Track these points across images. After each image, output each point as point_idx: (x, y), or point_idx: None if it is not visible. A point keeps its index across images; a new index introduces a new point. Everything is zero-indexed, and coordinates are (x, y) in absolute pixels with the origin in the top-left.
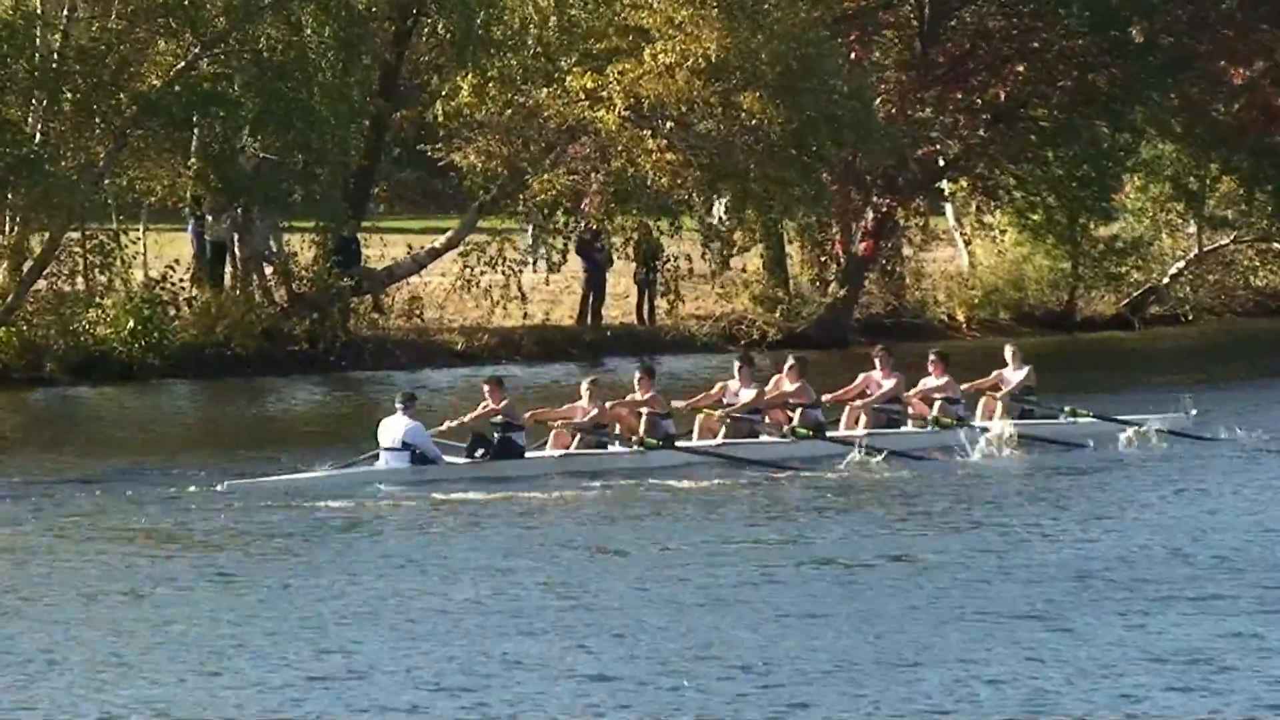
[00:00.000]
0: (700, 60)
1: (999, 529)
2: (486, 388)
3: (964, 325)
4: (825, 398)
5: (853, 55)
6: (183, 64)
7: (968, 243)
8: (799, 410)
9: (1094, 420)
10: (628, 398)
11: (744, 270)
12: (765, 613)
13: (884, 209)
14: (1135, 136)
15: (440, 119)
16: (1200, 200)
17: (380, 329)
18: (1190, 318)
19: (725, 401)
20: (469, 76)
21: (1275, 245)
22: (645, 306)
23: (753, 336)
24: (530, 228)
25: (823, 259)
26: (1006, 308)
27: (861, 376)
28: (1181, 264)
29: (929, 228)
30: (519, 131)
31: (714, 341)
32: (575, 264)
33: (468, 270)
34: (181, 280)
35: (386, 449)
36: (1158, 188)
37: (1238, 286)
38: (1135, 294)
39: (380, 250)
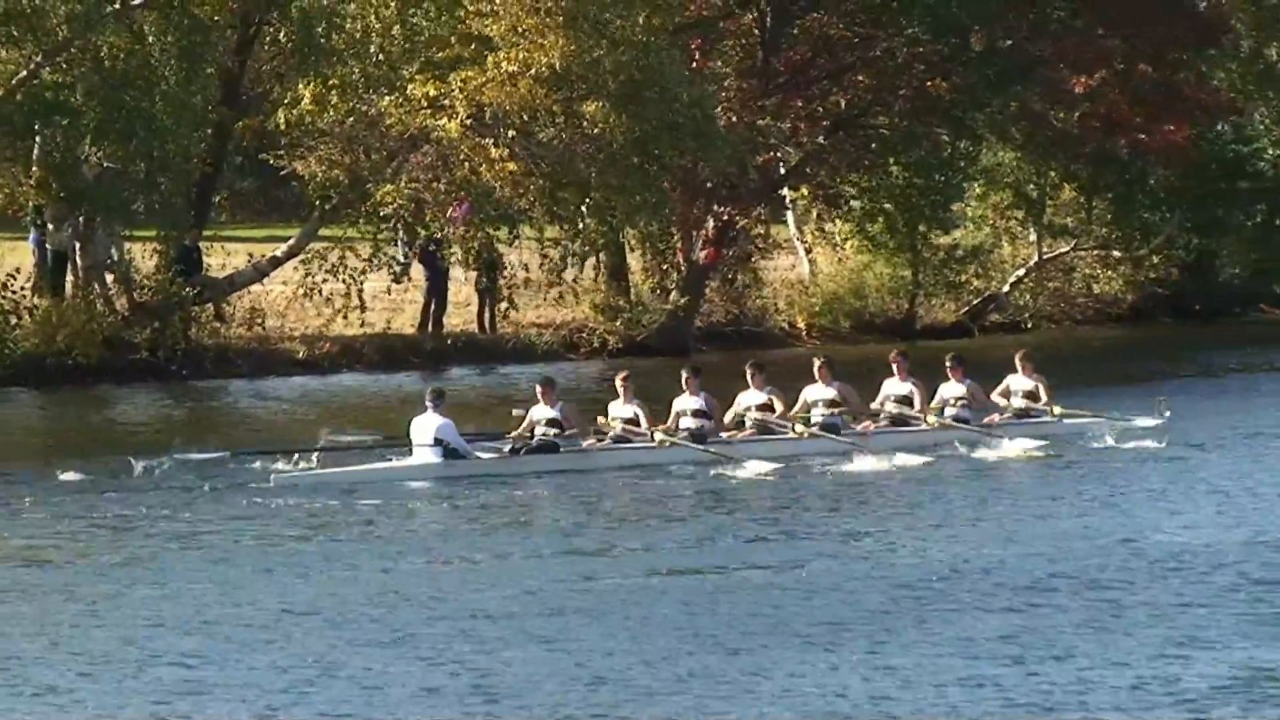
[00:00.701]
0: (543, 69)
1: (848, 537)
2: (539, 389)
3: (804, 333)
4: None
5: (695, 64)
6: (24, 73)
7: (809, 251)
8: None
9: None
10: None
11: (581, 278)
12: (603, 622)
13: (725, 217)
14: (976, 144)
15: (282, 127)
16: (1040, 208)
17: (221, 337)
18: (1030, 325)
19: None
20: (311, 85)
21: (1114, 253)
22: (486, 315)
23: (594, 345)
24: (401, 236)
25: (664, 267)
26: (847, 316)
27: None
28: (1021, 272)
29: (770, 236)
30: (360, 140)
31: (555, 350)
32: (418, 272)
33: (309, 278)
34: (23, 289)
35: (419, 444)
36: (998, 196)
37: (1077, 294)
38: (975, 302)
39: (222, 259)
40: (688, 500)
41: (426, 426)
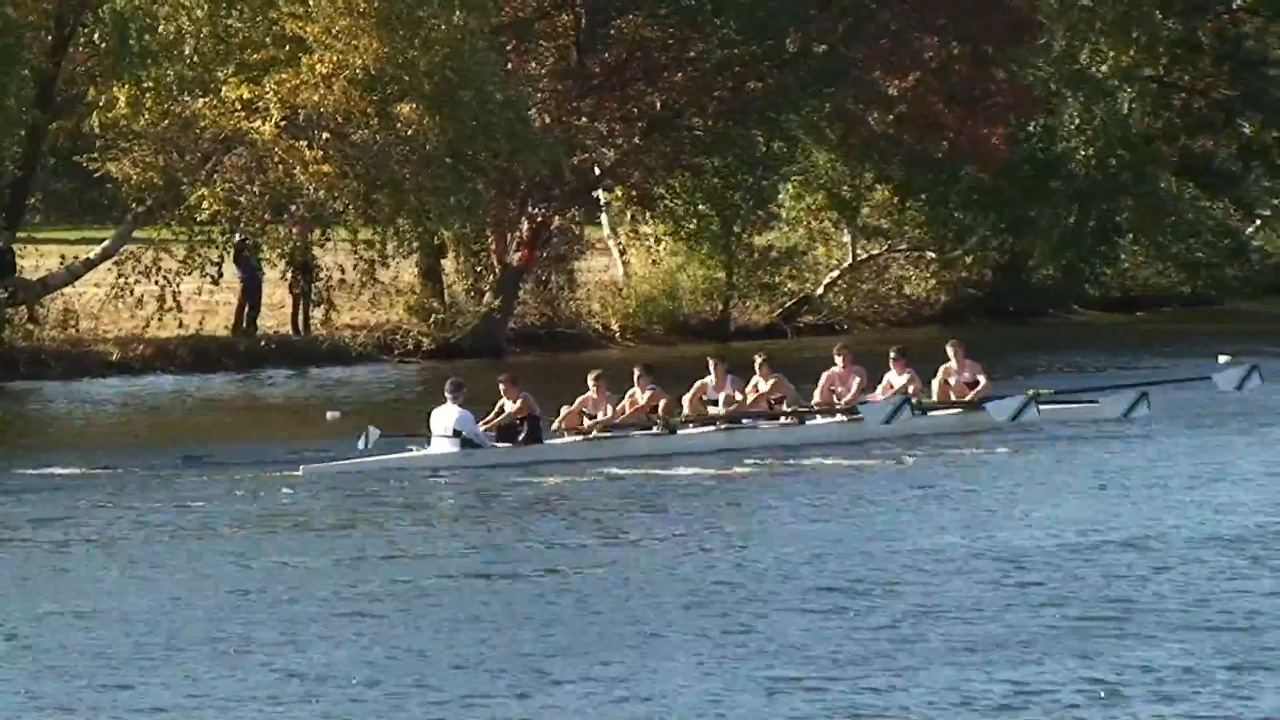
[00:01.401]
0: (357, 70)
1: (636, 542)
2: (503, 385)
3: (618, 335)
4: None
5: (510, 65)
6: None
7: (623, 252)
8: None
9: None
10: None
11: (396, 280)
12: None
13: (539, 219)
14: (790, 145)
15: (97, 129)
16: (854, 210)
17: (35, 340)
18: (844, 327)
19: (706, 399)
20: (125, 87)
21: (928, 254)
22: (301, 316)
23: (408, 347)
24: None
25: (478, 269)
26: (661, 317)
27: (825, 375)
28: (836, 273)
29: (584, 237)
30: (175, 142)
31: (369, 351)
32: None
33: (122, 280)
34: None
35: (439, 435)
36: (812, 197)
37: (891, 295)
38: (789, 303)
39: (35, 261)
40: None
41: (445, 417)
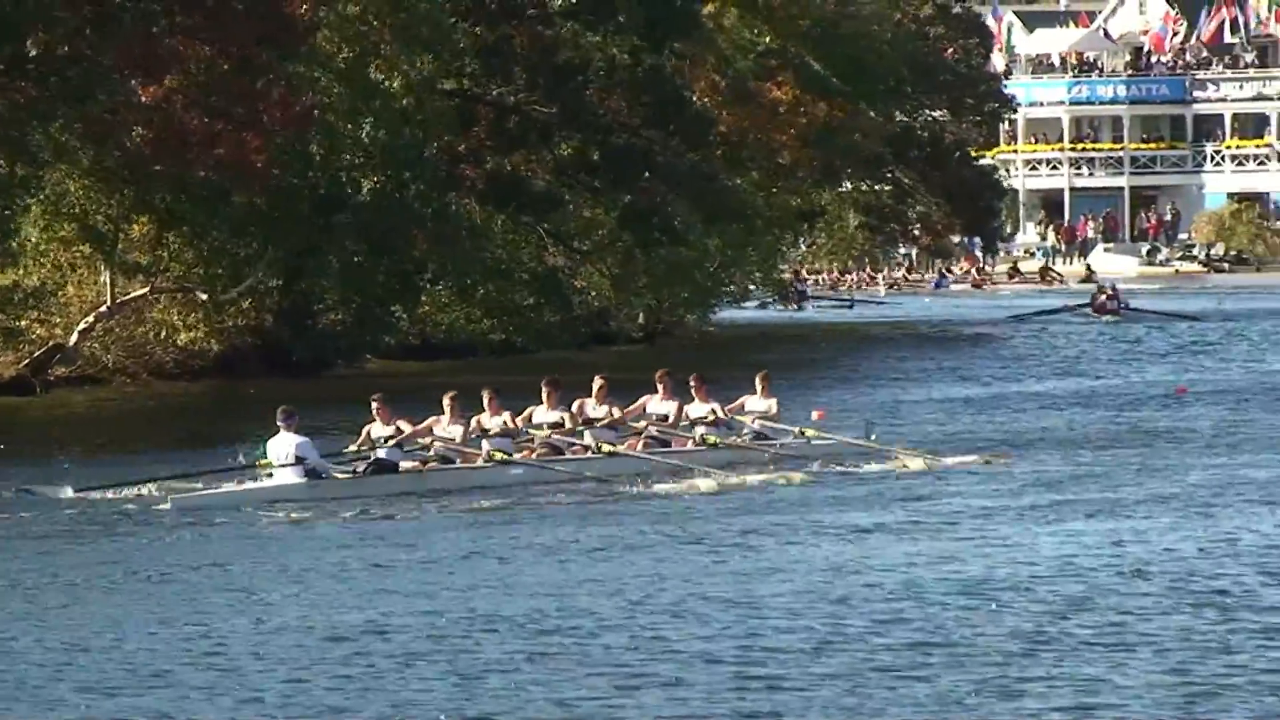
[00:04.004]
0: None
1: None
2: (375, 405)
3: None
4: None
5: None
6: None
7: None
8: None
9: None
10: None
11: None
12: None
13: None
14: (39, 168)
15: None
16: (112, 243)
17: None
18: (103, 380)
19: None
20: None
21: (199, 295)
22: None
23: None
24: None
25: None
26: None
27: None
28: (92, 318)
29: None
30: None
31: None
32: None
33: None
34: None
35: (280, 465)
36: (62, 228)
37: (156, 344)
38: (38, 353)
39: None
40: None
41: (284, 445)
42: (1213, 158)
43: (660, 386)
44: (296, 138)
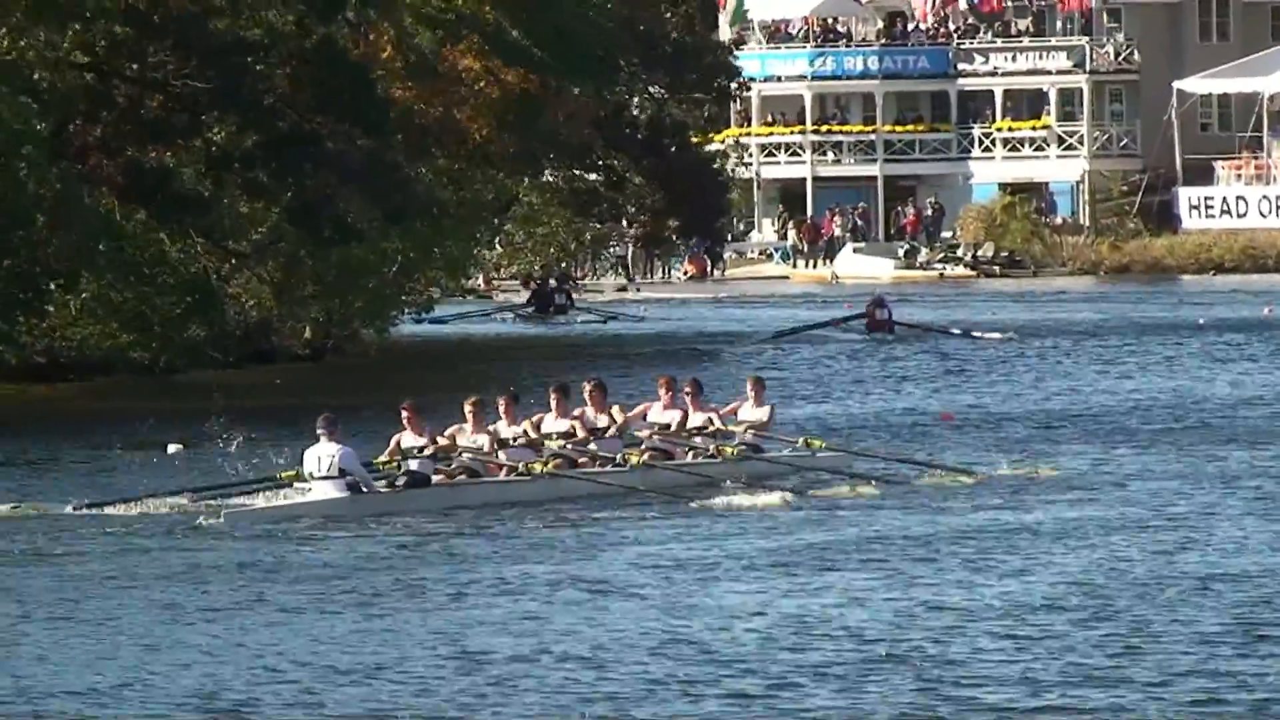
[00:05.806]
0: None
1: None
2: (405, 414)
3: None
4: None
5: None
6: None
7: None
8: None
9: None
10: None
11: None
12: None
13: None
14: None
15: None
16: None
17: None
18: None
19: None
20: None
21: None
22: None
23: None
24: None
25: None
26: None
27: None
28: None
29: None
30: None
31: None
32: None
33: None
34: None
35: (320, 478)
36: None
37: None
38: None
39: None
40: None
41: (324, 455)
42: (981, 142)
43: (662, 393)
44: None
